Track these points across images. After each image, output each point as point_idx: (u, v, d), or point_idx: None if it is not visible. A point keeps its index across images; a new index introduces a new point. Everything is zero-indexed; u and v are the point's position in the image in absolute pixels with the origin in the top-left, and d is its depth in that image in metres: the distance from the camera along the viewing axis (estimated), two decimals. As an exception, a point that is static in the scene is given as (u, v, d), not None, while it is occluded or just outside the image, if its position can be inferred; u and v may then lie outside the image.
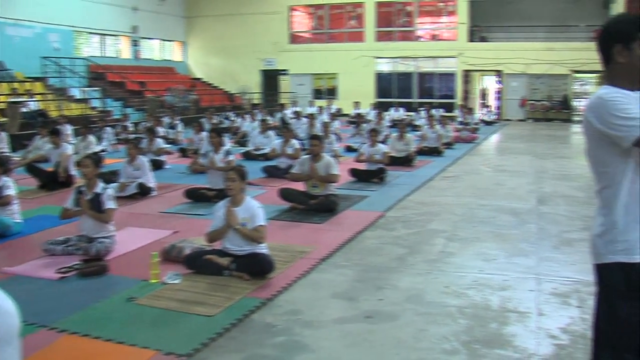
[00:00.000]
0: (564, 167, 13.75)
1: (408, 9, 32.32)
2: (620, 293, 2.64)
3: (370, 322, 4.79)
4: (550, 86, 30.25)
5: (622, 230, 2.62)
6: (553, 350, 4.30)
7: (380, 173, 11.10)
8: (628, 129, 2.48)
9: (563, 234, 7.58)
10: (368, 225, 7.83)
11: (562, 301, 5.26)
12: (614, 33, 2.66)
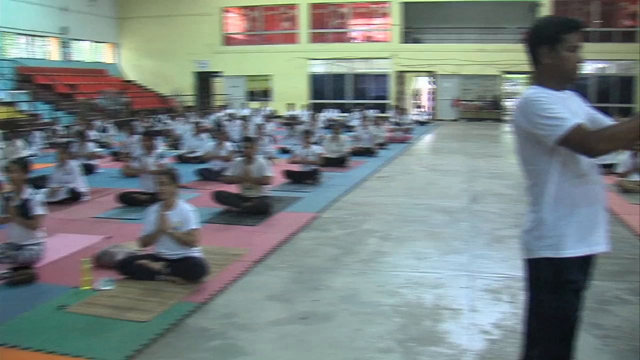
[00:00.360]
0: (495, 165, 14.01)
1: (342, 11, 32.44)
2: (548, 287, 2.75)
3: (306, 323, 4.78)
4: (481, 87, 30.81)
5: (550, 226, 2.71)
6: (485, 346, 4.37)
7: (314, 174, 11.10)
8: (552, 128, 2.56)
9: (495, 231, 7.71)
10: (302, 227, 7.83)
11: (494, 297, 5.36)
12: (540, 35, 2.76)
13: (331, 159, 12.81)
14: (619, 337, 4.49)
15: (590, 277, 2.89)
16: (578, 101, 2.87)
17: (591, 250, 2.75)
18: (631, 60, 29.44)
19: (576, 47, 2.73)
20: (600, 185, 2.78)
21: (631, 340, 4.46)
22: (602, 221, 2.79)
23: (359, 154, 14.89)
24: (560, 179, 2.68)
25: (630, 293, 5.47)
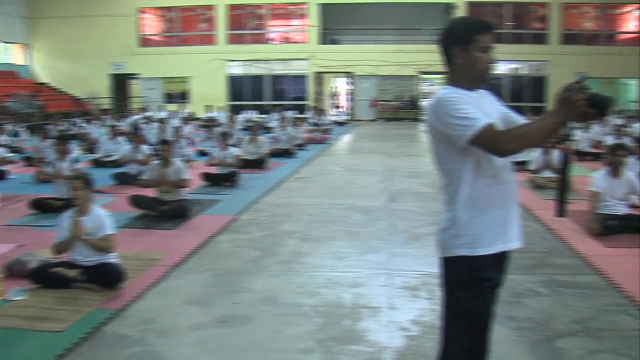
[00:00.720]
0: (413, 164, 14.23)
1: (259, 12, 32.39)
2: (463, 284, 2.79)
3: (226, 326, 4.75)
4: (399, 87, 31.35)
5: (464, 225, 2.75)
6: (404, 342, 4.44)
7: (232, 176, 11.06)
8: (463, 129, 2.58)
9: (412, 229, 7.85)
10: (221, 229, 7.79)
11: (412, 294, 5.45)
12: (453, 36, 2.79)
13: (249, 160, 12.79)
14: (532, 328, 4.64)
15: (505, 273, 2.95)
16: (492, 100, 2.92)
17: (505, 247, 2.80)
18: (542, 61, 30.53)
19: (488, 48, 2.76)
20: (514, 184, 2.83)
21: (543, 330, 4.62)
22: (516, 219, 2.84)
23: (277, 155, 14.94)
24: (474, 179, 2.72)
25: (542, 285, 5.66)
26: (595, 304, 5.24)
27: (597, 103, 2.48)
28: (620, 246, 7.02)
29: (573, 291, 5.56)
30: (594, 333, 4.61)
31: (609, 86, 31.43)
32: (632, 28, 32.34)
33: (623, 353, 4.26)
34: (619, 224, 7.54)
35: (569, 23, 31.70)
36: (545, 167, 10.66)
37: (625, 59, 30.40)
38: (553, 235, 7.50)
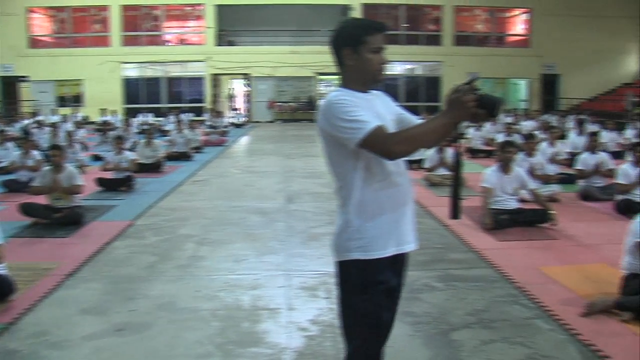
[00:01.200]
0: (310, 165, 14.32)
1: (155, 13, 31.83)
2: (357, 288, 2.76)
3: (122, 335, 4.64)
4: (296, 88, 31.49)
5: (357, 228, 2.72)
6: (304, 342, 4.46)
7: (128, 181, 10.83)
8: (352, 132, 2.55)
9: (310, 229, 7.90)
10: (117, 236, 7.61)
11: (310, 294, 5.48)
12: (343, 37, 2.76)
13: (145, 164, 12.60)
14: (429, 322, 4.75)
15: (403, 274, 2.94)
16: (386, 101, 2.90)
17: (399, 250, 2.78)
18: (436, 61, 31.35)
19: (379, 49, 2.73)
20: (408, 186, 2.81)
21: (440, 324, 4.75)
22: (410, 221, 2.83)
23: (174, 158, 14.74)
24: (365, 183, 2.70)
25: (438, 280, 5.81)
26: (488, 295, 5.43)
27: (486, 104, 2.52)
28: (511, 239, 7.31)
29: (467, 284, 5.74)
30: (487, 324, 4.77)
31: (499, 86, 32.74)
32: (520, 31, 33.66)
33: (514, 341, 4.44)
34: (510, 218, 7.83)
35: (462, 25, 32.73)
36: (439, 165, 10.94)
37: (514, 60, 31.68)
38: (448, 231, 7.71)
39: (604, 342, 4.39)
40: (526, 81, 33.20)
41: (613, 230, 7.59)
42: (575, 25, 31.60)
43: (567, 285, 5.64)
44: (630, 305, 4.82)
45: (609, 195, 9.48)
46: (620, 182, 8.86)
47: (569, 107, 30.88)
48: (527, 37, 32.88)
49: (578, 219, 8.51)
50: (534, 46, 32.25)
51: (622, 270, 5.22)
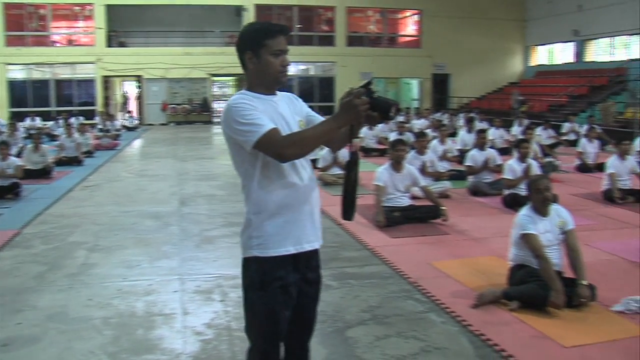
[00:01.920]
0: (205, 167, 14.20)
1: (41, 12, 30.65)
2: (254, 285, 2.81)
3: (8, 349, 4.44)
4: (190, 90, 31.14)
5: (256, 226, 2.77)
6: (199, 347, 4.41)
7: (14, 188, 10.40)
8: (248, 134, 2.61)
9: (204, 232, 7.83)
10: (2, 245, 7.27)
11: (205, 297, 5.42)
12: (244, 41, 2.80)
13: (33, 170, 12.17)
14: (324, 320, 4.77)
15: (311, 273, 2.95)
16: (294, 103, 2.95)
17: (298, 249, 2.81)
18: (330, 62, 31.64)
19: (280, 52, 2.79)
20: (308, 186, 2.84)
21: (335, 322, 4.79)
22: (312, 220, 2.86)
23: (63, 163, 14.31)
24: (263, 183, 2.74)
25: (333, 279, 5.85)
26: (382, 292, 5.53)
27: (379, 106, 2.55)
28: (404, 236, 7.47)
29: (362, 282, 5.82)
30: (381, 320, 4.86)
31: (392, 85, 33.43)
32: (411, 31, 34.44)
33: (409, 335, 4.54)
34: (402, 215, 8.00)
35: (354, 26, 33.20)
36: (333, 165, 11.05)
37: (406, 60, 32.37)
38: (342, 230, 7.80)
39: (493, 331, 4.55)
40: (418, 81, 34.05)
41: (501, 223, 7.86)
42: (464, 27, 32.65)
43: (458, 279, 5.81)
44: (517, 295, 5.02)
45: (497, 190, 9.83)
46: (507, 178, 9.21)
47: (459, 106, 31.84)
48: (418, 38, 33.71)
49: (468, 214, 8.78)
50: (424, 47, 33.07)
51: (509, 261, 5.41)
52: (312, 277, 2.96)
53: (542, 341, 4.43)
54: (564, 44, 32.54)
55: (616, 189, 9.69)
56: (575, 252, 5.22)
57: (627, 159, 10.14)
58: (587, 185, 11.50)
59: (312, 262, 2.94)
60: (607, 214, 8.99)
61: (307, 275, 2.92)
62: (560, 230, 5.29)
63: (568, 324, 4.72)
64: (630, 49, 28.32)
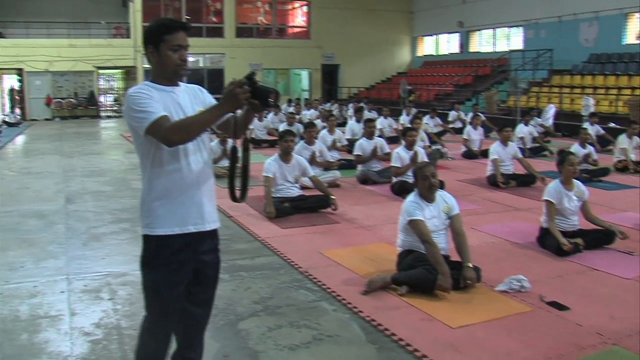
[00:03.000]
0: (92, 163, 13.85)
1: None
2: (146, 262, 3.03)
3: None
4: (75, 83, 30.19)
5: (147, 207, 2.98)
6: (88, 348, 4.29)
7: None
8: (141, 121, 2.80)
9: (92, 229, 7.63)
10: None
11: (94, 297, 5.29)
12: (146, 36, 2.97)
13: None
14: (216, 314, 4.71)
15: (205, 255, 3.10)
16: (196, 94, 3.12)
17: (183, 230, 2.97)
18: (219, 53, 31.36)
19: (179, 47, 2.94)
20: (200, 171, 3.00)
21: (227, 315, 4.77)
22: (198, 204, 3.01)
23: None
24: (154, 166, 2.92)
25: (224, 272, 5.70)
26: (273, 283, 5.56)
27: (259, 95, 2.72)
28: (294, 226, 7.52)
29: (253, 273, 5.83)
30: (273, 310, 4.88)
31: (282, 76, 33.46)
32: (300, 23, 34.55)
33: (301, 324, 4.59)
34: (292, 206, 8.04)
35: (243, 17, 33.00)
36: (223, 157, 10.98)
37: (296, 51, 32.50)
38: (233, 222, 7.78)
39: (384, 317, 4.65)
40: (307, 71, 34.21)
41: (390, 211, 8.03)
42: (353, 18, 33.10)
43: (348, 267, 5.90)
44: (406, 280, 5.15)
45: (386, 178, 10.04)
46: (395, 165, 9.40)
47: (348, 96, 32.27)
48: (307, 29, 33.88)
49: (357, 202, 8.92)
50: (313, 38, 33.28)
51: (398, 247, 5.54)
52: (208, 259, 3.14)
53: (431, 323, 4.55)
54: (449, 35, 33.49)
55: (499, 174, 10.08)
56: (460, 236, 5.41)
57: (509, 145, 10.55)
58: (472, 171, 11.91)
59: (204, 244, 3.09)
60: (491, 198, 9.34)
61: (203, 257, 3.08)
62: (446, 215, 5.46)
63: (455, 306, 4.88)
64: (511, 40, 29.43)
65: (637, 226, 7.46)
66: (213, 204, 3.12)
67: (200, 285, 3.13)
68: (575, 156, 6.75)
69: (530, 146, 14.37)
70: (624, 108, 18.59)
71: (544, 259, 6.22)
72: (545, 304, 4.94)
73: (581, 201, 6.63)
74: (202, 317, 3.28)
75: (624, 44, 23.30)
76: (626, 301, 5.05)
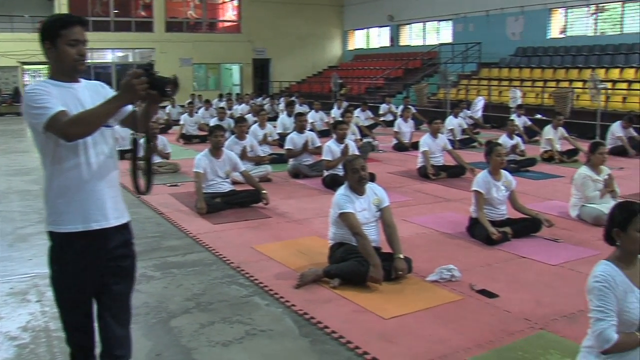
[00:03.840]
0: (17, 162, 13.46)
1: None
2: (50, 258, 2.97)
3: None
4: (-1, 79, 29.34)
5: (50, 203, 2.93)
6: (15, 352, 4.18)
7: None
8: (39, 117, 2.74)
9: (18, 230, 7.42)
10: None
11: (20, 299, 5.15)
12: (43, 31, 2.89)
13: None
14: (147, 312, 4.69)
15: (117, 250, 3.02)
16: (97, 90, 3.03)
17: (86, 227, 2.91)
18: (149, 48, 30.95)
19: (76, 41, 2.88)
20: (100, 166, 2.94)
21: (159, 313, 4.72)
22: (102, 199, 2.95)
23: None
24: (54, 163, 2.87)
25: (155, 269, 5.76)
26: (205, 279, 5.51)
27: (157, 85, 2.71)
28: (226, 222, 7.48)
29: (185, 270, 5.77)
30: (205, 307, 4.84)
31: (213, 71, 33.25)
32: (230, 17, 34.32)
33: (233, 320, 4.56)
34: (224, 201, 7.99)
35: (173, 11, 32.55)
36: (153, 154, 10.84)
37: (227, 45, 32.31)
38: (163, 219, 7.69)
39: (316, 310, 4.67)
40: (239, 66, 34.03)
41: (321, 204, 8.06)
42: (284, 12, 33.06)
43: (280, 261, 5.90)
44: (338, 272, 5.17)
45: (318, 172, 10.07)
46: (326, 159, 9.43)
47: (280, 90, 32.24)
48: (237, 23, 33.67)
49: (289, 196, 8.93)
50: (244, 32, 33.13)
51: (329, 240, 5.56)
52: (120, 253, 3.07)
53: (363, 315, 4.59)
54: (380, 28, 33.69)
55: (430, 166, 10.21)
56: (391, 228, 5.47)
57: (439, 137, 10.70)
58: (403, 163, 12.05)
59: (112, 240, 3.03)
60: (421, 189, 9.46)
61: (114, 252, 3.03)
62: (377, 207, 5.51)
63: (387, 297, 4.93)
64: (441, 34, 29.83)
65: (563, 214, 7.68)
66: (117, 198, 3.05)
67: (115, 276, 3.05)
68: (502, 147, 6.89)
69: (460, 138, 14.60)
70: (549, 100, 19.01)
71: (473, 248, 6.34)
72: (475, 292, 5.04)
73: (509, 191, 6.77)
74: (121, 310, 3.17)
75: (549, 38, 23.89)
76: (552, 287, 5.20)
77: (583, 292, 3.11)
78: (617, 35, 21.83)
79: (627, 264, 3.09)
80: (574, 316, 4.53)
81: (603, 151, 7.51)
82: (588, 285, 3.06)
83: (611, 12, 22.79)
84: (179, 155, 12.85)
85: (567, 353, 3.84)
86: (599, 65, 20.25)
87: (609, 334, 2.94)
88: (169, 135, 16.25)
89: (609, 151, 9.52)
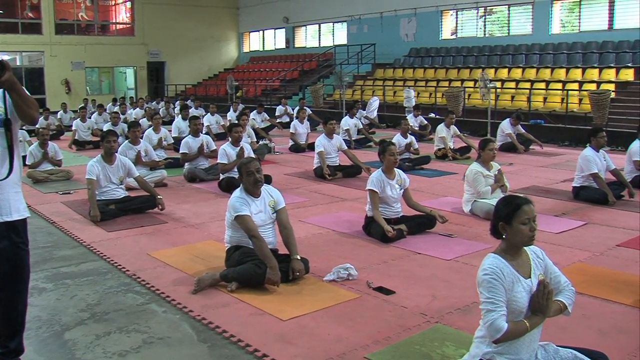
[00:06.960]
0: None
1: None
2: None
3: None
4: None
5: None
6: None
7: None
8: None
9: None
10: None
11: None
12: None
13: None
14: (39, 327, 4.51)
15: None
16: None
17: None
18: (38, 51, 29.91)
19: None
20: None
21: (52, 326, 4.54)
22: None
23: None
24: None
25: (47, 281, 5.55)
26: (100, 288, 5.35)
27: None
28: (121, 229, 7.30)
29: (79, 280, 5.59)
30: (101, 317, 4.70)
31: (106, 75, 32.47)
32: (124, 19, 33.63)
33: (130, 329, 4.45)
34: (118, 208, 7.81)
35: (63, 13, 31.55)
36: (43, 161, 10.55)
37: (120, 48, 31.66)
38: (56, 228, 7.44)
39: (214, 314, 4.63)
40: (133, 69, 33.40)
41: (218, 207, 8.03)
42: (178, 15, 32.72)
43: (177, 266, 5.81)
44: (235, 276, 5.14)
45: (214, 175, 10.00)
46: (222, 162, 9.37)
47: (176, 93, 31.85)
48: (131, 25, 33.06)
49: (185, 201, 8.82)
50: (138, 34, 32.58)
51: (226, 244, 5.52)
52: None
53: (261, 317, 4.58)
54: (275, 30, 33.79)
55: (325, 166, 10.30)
56: (287, 229, 5.48)
57: (334, 137, 10.80)
58: (299, 164, 12.11)
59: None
60: (318, 190, 9.53)
61: None
62: (273, 209, 5.51)
63: (285, 298, 4.94)
64: (336, 35, 30.17)
65: (457, 210, 7.90)
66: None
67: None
68: (394, 146, 7.02)
69: (356, 138, 14.78)
70: (442, 99, 19.52)
71: (369, 246, 6.44)
72: (372, 289, 5.11)
73: (403, 189, 6.90)
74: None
75: (441, 39, 24.55)
76: (447, 281, 5.34)
77: (476, 285, 3.20)
78: (504, 37, 22.67)
79: (514, 256, 3.20)
80: (467, 308, 4.67)
81: (493, 147, 7.76)
82: (478, 278, 3.16)
83: (499, 14, 23.67)
84: (71, 162, 12.52)
85: (462, 344, 3.94)
86: (489, 66, 20.98)
87: (500, 323, 3.04)
88: (61, 142, 15.77)
89: (498, 147, 9.87)
